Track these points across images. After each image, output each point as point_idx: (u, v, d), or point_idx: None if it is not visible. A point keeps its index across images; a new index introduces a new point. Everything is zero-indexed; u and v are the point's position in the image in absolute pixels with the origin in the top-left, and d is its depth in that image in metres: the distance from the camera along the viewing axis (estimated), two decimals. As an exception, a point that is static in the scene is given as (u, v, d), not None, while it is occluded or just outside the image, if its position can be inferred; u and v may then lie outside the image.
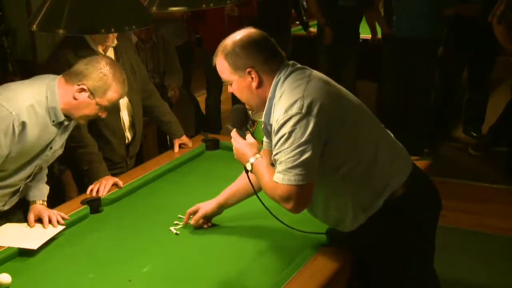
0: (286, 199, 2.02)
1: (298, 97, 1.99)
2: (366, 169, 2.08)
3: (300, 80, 2.06)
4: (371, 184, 2.10)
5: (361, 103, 2.19)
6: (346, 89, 2.20)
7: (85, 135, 2.93)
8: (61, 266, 2.27)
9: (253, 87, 2.11)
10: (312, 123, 1.95)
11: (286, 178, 1.98)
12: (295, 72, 2.10)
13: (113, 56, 3.08)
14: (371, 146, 2.11)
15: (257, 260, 2.27)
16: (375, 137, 2.15)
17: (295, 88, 2.03)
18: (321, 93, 2.01)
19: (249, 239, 2.43)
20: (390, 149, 2.18)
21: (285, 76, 2.09)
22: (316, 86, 2.04)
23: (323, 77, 2.14)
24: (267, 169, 2.11)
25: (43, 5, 2.26)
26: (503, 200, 4.43)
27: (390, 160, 2.14)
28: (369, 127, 2.16)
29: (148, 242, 2.43)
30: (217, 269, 2.22)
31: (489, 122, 5.54)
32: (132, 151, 3.24)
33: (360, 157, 2.08)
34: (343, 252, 2.22)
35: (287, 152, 1.97)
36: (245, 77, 2.10)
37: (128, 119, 3.16)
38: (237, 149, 2.23)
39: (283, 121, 1.98)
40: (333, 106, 2.02)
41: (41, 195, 2.61)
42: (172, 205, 2.74)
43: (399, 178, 2.13)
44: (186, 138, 3.38)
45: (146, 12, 2.47)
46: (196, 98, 5.73)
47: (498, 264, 3.68)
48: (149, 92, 3.32)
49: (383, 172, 2.11)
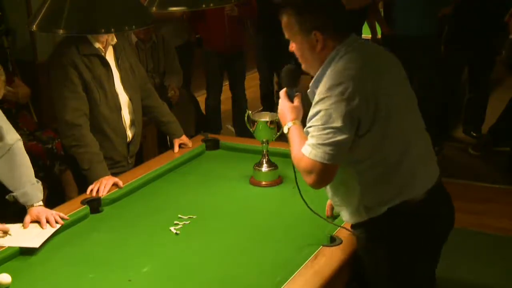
0: (308, 173, 2.03)
1: (346, 81, 1.96)
2: (384, 173, 2.06)
3: (356, 62, 2.02)
4: (382, 188, 2.07)
5: (408, 108, 2.14)
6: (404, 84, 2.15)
7: (85, 135, 2.93)
8: (61, 266, 2.27)
9: (315, 50, 2.07)
10: (349, 111, 1.93)
11: (314, 153, 1.98)
12: (356, 51, 2.05)
13: (112, 55, 3.08)
14: (398, 151, 2.06)
15: (257, 260, 2.27)
16: (406, 142, 2.09)
17: (347, 70, 2.00)
18: (368, 86, 1.98)
19: (249, 239, 2.43)
20: (419, 159, 2.11)
21: (346, 51, 2.05)
22: (367, 77, 2.00)
23: (381, 66, 2.09)
24: (299, 138, 2.10)
25: (43, 5, 2.26)
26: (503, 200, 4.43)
27: (413, 169, 2.09)
28: (403, 131, 2.08)
29: (148, 242, 2.43)
30: (217, 269, 2.22)
31: (489, 122, 5.54)
32: (132, 150, 3.24)
33: (382, 159, 2.05)
34: (343, 252, 2.22)
35: (320, 129, 1.97)
36: (310, 38, 2.07)
37: (129, 117, 3.16)
38: (280, 109, 2.24)
39: (324, 97, 1.97)
40: (373, 102, 1.98)
41: (34, 197, 2.57)
42: (172, 205, 2.74)
43: (416, 190, 2.09)
44: (186, 138, 3.38)
45: (146, 12, 2.47)
46: (196, 98, 5.73)
47: (498, 264, 3.68)
48: (148, 92, 3.32)
49: (400, 180, 2.07)
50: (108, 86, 3.02)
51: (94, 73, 2.97)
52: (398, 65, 2.18)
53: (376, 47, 2.19)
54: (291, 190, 2.86)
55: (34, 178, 2.61)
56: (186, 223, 2.54)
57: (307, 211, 2.36)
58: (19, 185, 2.54)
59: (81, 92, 2.94)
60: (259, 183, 2.92)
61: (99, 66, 3.00)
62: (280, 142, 3.20)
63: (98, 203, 2.72)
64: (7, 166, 2.54)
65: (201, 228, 2.52)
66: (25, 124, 4.18)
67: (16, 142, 2.56)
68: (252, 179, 2.95)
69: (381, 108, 1.99)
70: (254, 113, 2.98)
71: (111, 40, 3.04)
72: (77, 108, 2.93)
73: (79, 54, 2.94)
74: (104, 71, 3.01)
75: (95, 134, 3.00)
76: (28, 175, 2.58)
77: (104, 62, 3.02)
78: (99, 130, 3.04)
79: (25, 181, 2.55)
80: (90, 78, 2.96)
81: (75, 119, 2.91)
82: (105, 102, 3.01)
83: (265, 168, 2.92)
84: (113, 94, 3.05)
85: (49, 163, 4.01)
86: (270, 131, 2.92)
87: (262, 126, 2.91)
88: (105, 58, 3.02)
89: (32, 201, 2.55)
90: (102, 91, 3.00)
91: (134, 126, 3.20)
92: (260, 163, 2.94)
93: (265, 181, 2.92)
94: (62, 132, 2.98)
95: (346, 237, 2.28)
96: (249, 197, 2.84)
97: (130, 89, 3.15)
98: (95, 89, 2.97)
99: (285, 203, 2.76)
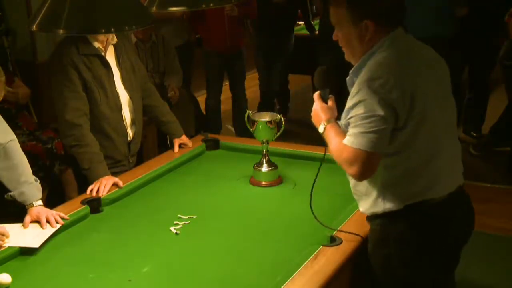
0: (350, 163, 2.01)
1: (385, 75, 1.97)
2: (409, 171, 2.06)
3: (397, 57, 2.02)
4: (404, 185, 2.08)
5: (443, 110, 2.11)
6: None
7: (86, 135, 2.93)
8: (61, 266, 2.27)
9: (363, 40, 2.07)
10: (389, 103, 1.94)
11: (357, 142, 1.97)
12: (399, 45, 2.06)
13: (113, 54, 3.08)
14: (427, 152, 2.06)
15: (257, 260, 2.27)
16: (436, 145, 2.08)
17: (387, 63, 2.00)
18: (406, 82, 1.98)
19: (249, 239, 2.43)
20: (446, 163, 2.11)
21: (390, 43, 2.05)
22: (406, 73, 2.00)
23: (422, 63, 2.08)
24: (338, 133, 2.10)
25: (43, 5, 2.26)
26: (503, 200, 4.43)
27: (438, 172, 2.09)
28: (434, 133, 2.07)
29: (148, 242, 2.43)
30: (217, 269, 2.22)
31: (489, 122, 5.54)
32: (133, 149, 3.24)
33: (409, 157, 2.05)
34: (343, 252, 2.22)
35: (363, 118, 1.96)
36: (359, 27, 2.06)
37: (130, 116, 3.16)
38: (314, 110, 2.22)
39: (363, 88, 1.97)
40: (410, 99, 1.98)
41: (32, 197, 2.56)
42: (172, 205, 2.74)
43: (437, 192, 2.09)
44: (186, 138, 3.38)
45: (146, 12, 2.47)
46: (196, 98, 5.73)
47: (498, 264, 3.68)
48: (149, 91, 3.32)
49: (423, 180, 2.07)
50: (108, 86, 3.02)
51: (94, 73, 2.97)
52: (441, 65, 2.17)
53: (420, 44, 2.17)
54: (291, 190, 2.87)
55: (32, 177, 2.61)
56: (186, 223, 2.54)
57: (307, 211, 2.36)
58: (17, 184, 2.55)
59: (81, 92, 2.95)
60: (259, 183, 2.92)
61: (99, 66, 3.00)
62: (280, 142, 3.21)
63: (98, 203, 2.72)
64: (4, 166, 2.54)
65: (201, 228, 2.52)
66: (25, 124, 4.18)
67: (9, 143, 2.55)
68: (252, 179, 2.95)
69: (416, 106, 1.99)
70: (254, 113, 2.98)
71: (111, 40, 3.04)
72: (77, 108, 2.93)
73: (79, 54, 2.94)
74: (104, 70, 3.01)
75: (96, 133, 3.00)
76: (26, 175, 2.58)
77: (104, 62, 3.02)
78: (100, 129, 3.04)
79: (22, 181, 2.55)
80: (90, 77, 2.96)
81: (75, 119, 2.91)
82: (105, 102, 3.02)
83: (265, 168, 2.92)
84: (114, 93, 3.05)
85: (49, 163, 4.01)
86: (270, 131, 2.92)
87: (262, 126, 2.91)
88: (105, 58, 3.02)
89: (30, 200, 2.55)
90: (102, 91, 3.00)
91: (134, 125, 3.20)
92: (260, 163, 2.94)
93: (265, 181, 2.92)
94: (62, 132, 2.98)
95: (346, 238, 2.28)
96: (249, 197, 2.84)
97: (131, 88, 3.15)
98: (95, 88, 2.98)
99: (285, 203, 2.76)
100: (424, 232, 2.11)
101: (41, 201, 2.59)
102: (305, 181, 2.93)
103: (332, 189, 2.81)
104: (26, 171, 2.60)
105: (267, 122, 2.91)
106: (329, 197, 2.74)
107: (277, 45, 5.82)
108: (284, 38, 5.85)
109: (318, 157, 3.15)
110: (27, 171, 2.60)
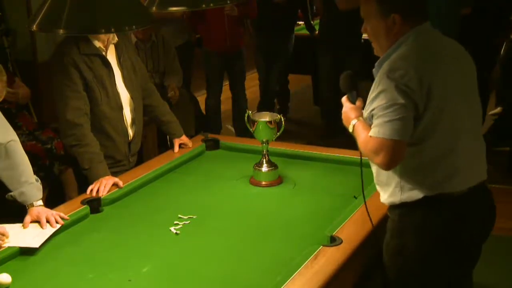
0: (376, 152, 2.05)
1: (405, 67, 2.02)
2: (427, 162, 2.09)
3: (418, 51, 2.07)
4: (422, 176, 2.11)
5: (465, 104, 2.14)
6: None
7: (86, 134, 2.93)
8: (61, 266, 2.27)
9: (391, 33, 2.12)
10: (409, 93, 2.00)
11: (381, 131, 2.02)
12: (422, 40, 2.11)
13: (114, 53, 3.08)
14: (445, 145, 2.09)
15: (257, 260, 2.27)
16: (456, 138, 2.10)
17: (410, 56, 2.06)
18: (425, 76, 2.02)
19: (249, 239, 2.43)
20: (466, 157, 2.13)
21: (414, 37, 2.11)
22: (425, 67, 2.04)
23: (444, 57, 2.12)
24: (364, 128, 2.14)
25: (43, 5, 2.26)
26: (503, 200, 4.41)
27: (457, 165, 2.11)
28: (454, 126, 2.10)
29: (148, 242, 2.43)
30: (217, 269, 2.22)
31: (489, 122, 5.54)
32: (133, 148, 3.24)
33: (427, 149, 2.08)
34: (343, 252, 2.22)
35: (385, 107, 2.02)
36: (387, 21, 2.11)
37: (131, 116, 3.16)
38: (344, 112, 2.27)
39: (384, 79, 2.03)
40: (427, 90, 2.02)
41: (33, 197, 2.56)
42: (172, 205, 2.74)
43: (456, 186, 2.11)
44: (186, 138, 3.38)
45: (146, 12, 2.47)
46: (196, 98, 5.73)
47: (498, 264, 3.68)
48: (149, 91, 3.32)
49: (441, 173, 2.10)
50: (109, 85, 3.02)
51: (95, 72, 2.97)
52: (466, 59, 2.21)
53: (445, 39, 2.21)
54: (291, 190, 2.87)
55: (33, 177, 2.61)
56: (186, 223, 2.54)
57: (307, 211, 2.36)
58: (18, 184, 2.55)
59: (82, 92, 2.95)
60: (259, 183, 2.92)
61: (100, 65, 3.00)
62: (280, 142, 3.21)
63: (98, 203, 2.72)
64: (4, 166, 2.54)
65: (201, 228, 2.52)
66: (25, 124, 4.18)
67: (9, 143, 2.55)
68: (252, 179, 2.95)
69: (434, 98, 2.03)
70: (254, 113, 2.98)
71: (112, 39, 3.04)
72: (78, 108, 2.93)
73: (80, 53, 2.94)
74: (105, 70, 3.02)
75: (96, 133, 3.00)
76: (26, 175, 2.58)
77: (105, 61, 3.02)
78: (101, 129, 3.04)
79: (23, 181, 2.55)
80: (91, 77, 2.96)
81: (76, 118, 2.91)
82: (106, 101, 3.01)
83: (265, 168, 2.92)
84: (115, 93, 3.05)
85: (49, 163, 4.00)
86: (270, 131, 2.92)
87: (262, 126, 2.91)
88: (106, 58, 3.02)
89: (30, 200, 2.55)
90: (103, 90, 3.00)
91: (135, 125, 3.20)
92: (260, 163, 2.94)
93: (265, 181, 2.92)
94: (63, 131, 2.98)
95: (346, 238, 2.28)
96: (249, 197, 2.84)
97: (132, 88, 3.15)
98: (96, 88, 2.97)
99: (285, 203, 2.76)
100: (439, 225, 2.13)
101: (42, 201, 2.59)
102: (305, 181, 2.94)
103: (332, 189, 2.81)
104: (27, 171, 2.59)
105: (267, 122, 2.91)
106: (329, 197, 2.74)
107: (277, 45, 5.82)
108: (284, 38, 5.85)
109: (318, 157, 3.17)
110: (28, 171, 2.60)
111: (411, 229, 2.16)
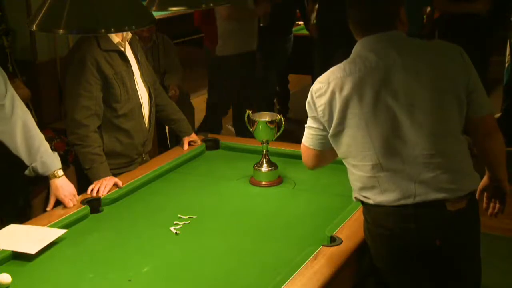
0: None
1: (325, 81, 2.14)
2: (358, 174, 2.14)
3: (349, 67, 2.12)
4: (357, 183, 2.18)
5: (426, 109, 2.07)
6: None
7: (90, 136, 2.90)
8: (61, 266, 2.27)
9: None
10: (316, 107, 2.18)
11: (303, 135, 2.26)
12: (365, 51, 2.12)
13: (130, 51, 3.07)
14: (379, 156, 2.07)
15: (257, 260, 2.27)
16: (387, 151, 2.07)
17: (335, 70, 2.15)
18: (345, 91, 2.08)
19: (249, 239, 2.43)
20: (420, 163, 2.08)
21: (358, 49, 2.17)
22: (351, 80, 2.08)
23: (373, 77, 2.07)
24: None
25: (43, 5, 2.26)
26: (503, 200, 4.42)
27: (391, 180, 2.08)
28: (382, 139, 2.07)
29: (148, 242, 2.43)
30: (217, 269, 2.22)
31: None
32: (147, 146, 3.22)
33: (352, 161, 2.15)
34: (343, 252, 2.22)
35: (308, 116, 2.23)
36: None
37: (148, 113, 3.14)
38: None
39: (311, 88, 2.21)
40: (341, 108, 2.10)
41: (53, 165, 2.67)
42: (172, 205, 2.74)
43: (388, 200, 2.09)
44: (195, 136, 3.38)
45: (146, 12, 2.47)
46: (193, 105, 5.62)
47: (498, 264, 3.67)
48: (158, 90, 3.31)
49: (370, 185, 2.12)
50: (128, 82, 2.99)
51: (116, 68, 2.93)
52: (435, 66, 2.11)
53: (414, 44, 2.14)
54: (291, 190, 2.87)
55: (50, 149, 2.71)
56: (186, 223, 2.54)
57: (307, 211, 2.36)
58: (36, 155, 2.64)
59: (95, 93, 2.89)
60: (259, 183, 2.92)
61: (119, 62, 2.96)
62: (280, 142, 3.21)
63: (98, 203, 2.72)
64: (21, 138, 2.65)
65: (201, 228, 2.52)
66: (25, 124, 4.17)
67: (25, 115, 2.71)
68: (252, 179, 2.95)
69: (342, 114, 2.09)
70: (254, 113, 2.98)
71: (127, 35, 3.03)
72: (88, 107, 2.88)
73: (101, 50, 2.91)
74: (124, 66, 2.98)
75: (115, 130, 2.98)
76: (44, 145, 2.68)
77: (124, 57, 2.98)
78: (119, 127, 3.00)
79: (43, 151, 2.65)
80: (111, 74, 2.91)
81: (83, 118, 2.88)
82: (126, 98, 2.98)
83: (265, 168, 2.92)
84: (134, 90, 3.02)
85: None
86: (270, 131, 2.92)
87: (262, 126, 2.91)
88: (125, 53, 3.00)
89: (51, 169, 2.65)
90: (123, 87, 2.96)
91: (151, 122, 3.19)
92: (260, 163, 2.94)
93: (265, 181, 2.92)
94: (69, 128, 2.95)
95: (346, 237, 2.28)
96: (249, 197, 2.84)
97: (149, 84, 3.14)
98: (116, 85, 2.93)
99: (285, 203, 2.76)
100: (378, 233, 2.18)
101: (62, 171, 2.72)
102: (305, 181, 2.94)
103: (332, 189, 2.81)
104: (44, 142, 2.71)
105: (267, 122, 2.91)
106: (329, 197, 2.74)
107: (277, 45, 5.82)
108: (283, 38, 5.85)
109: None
110: (44, 142, 2.71)
111: (365, 231, 2.26)
